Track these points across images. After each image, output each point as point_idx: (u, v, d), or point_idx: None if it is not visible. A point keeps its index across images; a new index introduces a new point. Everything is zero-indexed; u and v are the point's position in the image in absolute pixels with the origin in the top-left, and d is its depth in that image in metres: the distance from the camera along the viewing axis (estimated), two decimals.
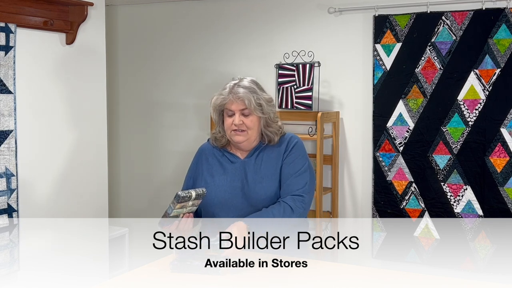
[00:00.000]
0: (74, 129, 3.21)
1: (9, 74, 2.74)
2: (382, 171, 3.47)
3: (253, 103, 2.23)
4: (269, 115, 2.30)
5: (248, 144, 2.32)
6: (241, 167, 2.31)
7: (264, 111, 2.27)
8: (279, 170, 2.30)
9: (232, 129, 2.27)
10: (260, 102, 2.27)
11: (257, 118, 2.28)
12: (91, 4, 3.12)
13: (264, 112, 2.28)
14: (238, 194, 2.28)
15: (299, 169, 2.29)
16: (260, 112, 2.26)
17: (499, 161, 3.20)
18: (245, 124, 2.25)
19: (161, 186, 4.21)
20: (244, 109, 2.25)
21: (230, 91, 2.26)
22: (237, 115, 2.25)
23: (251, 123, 2.26)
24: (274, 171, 2.30)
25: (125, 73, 4.31)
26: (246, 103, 2.23)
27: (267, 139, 2.33)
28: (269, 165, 2.31)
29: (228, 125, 2.28)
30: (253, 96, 2.24)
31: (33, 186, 2.95)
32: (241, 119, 2.25)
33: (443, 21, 3.27)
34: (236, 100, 2.24)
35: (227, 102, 2.26)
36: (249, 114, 2.26)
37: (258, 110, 2.25)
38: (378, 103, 3.46)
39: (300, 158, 2.33)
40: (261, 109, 2.26)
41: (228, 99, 2.26)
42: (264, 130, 2.31)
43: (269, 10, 3.78)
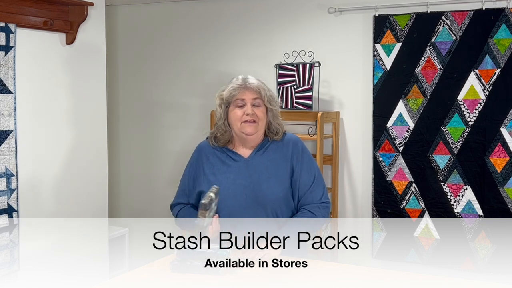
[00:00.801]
0: (74, 129, 3.21)
1: (9, 74, 2.74)
2: (382, 171, 3.47)
3: (267, 94, 2.30)
4: (276, 108, 2.35)
5: (256, 137, 2.33)
6: (245, 165, 2.31)
7: (273, 104, 2.33)
8: (289, 173, 2.32)
9: (243, 120, 2.28)
10: (271, 94, 2.34)
11: (265, 109, 2.32)
12: (91, 4, 3.12)
13: (273, 105, 2.33)
14: (242, 192, 2.27)
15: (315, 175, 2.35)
16: (270, 104, 2.31)
17: (499, 161, 3.20)
18: (256, 114, 2.28)
19: (161, 186, 4.21)
20: (256, 99, 2.28)
21: (243, 82, 2.30)
22: (249, 105, 2.28)
23: (262, 114, 2.30)
24: (282, 172, 2.31)
25: (125, 73, 4.31)
26: (261, 93, 2.28)
27: (275, 131, 2.36)
28: (276, 164, 2.31)
29: (239, 116, 2.28)
30: (266, 87, 2.32)
31: (33, 186, 2.95)
32: (253, 109, 2.28)
33: (443, 21, 3.27)
34: (250, 90, 2.28)
35: (239, 93, 2.28)
36: (259, 105, 2.30)
37: (269, 102, 2.31)
38: (378, 103, 3.46)
39: (312, 162, 2.39)
40: (271, 101, 2.32)
41: (241, 90, 2.28)
42: (272, 122, 2.35)
43: (269, 10, 3.78)
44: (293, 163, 2.33)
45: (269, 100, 2.30)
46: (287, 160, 2.33)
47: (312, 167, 2.36)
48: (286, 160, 2.33)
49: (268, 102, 2.30)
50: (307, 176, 2.33)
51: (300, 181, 2.32)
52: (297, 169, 2.32)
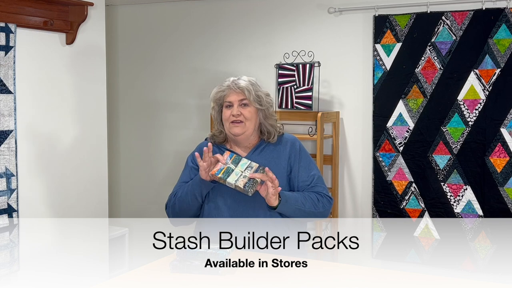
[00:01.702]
0: (74, 129, 3.21)
1: (9, 74, 2.74)
2: (382, 171, 3.47)
3: (253, 94, 2.31)
4: (267, 107, 2.37)
5: (245, 138, 2.35)
6: None
7: (262, 103, 2.35)
8: (286, 171, 2.33)
9: (230, 121, 2.32)
10: (258, 94, 2.35)
11: (255, 110, 2.34)
12: (91, 4, 3.12)
13: (263, 104, 2.35)
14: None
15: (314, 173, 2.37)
16: (258, 104, 2.33)
17: (499, 161, 3.20)
18: (243, 114, 2.31)
19: (161, 186, 4.21)
20: (243, 99, 2.32)
21: (229, 84, 2.34)
22: (235, 106, 2.32)
23: (249, 114, 2.32)
24: (279, 171, 2.32)
25: (125, 73, 4.31)
26: (246, 94, 2.31)
27: (266, 133, 2.37)
28: (273, 163, 2.32)
29: (227, 117, 2.33)
30: (252, 87, 2.33)
31: (33, 186, 2.95)
32: (240, 109, 2.31)
33: (443, 21, 3.27)
34: (236, 91, 2.32)
35: (226, 94, 2.34)
36: (248, 105, 2.32)
37: (256, 102, 2.33)
38: (378, 103, 3.46)
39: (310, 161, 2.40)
40: (260, 101, 2.34)
41: (227, 91, 2.34)
42: (264, 122, 2.37)
43: (269, 10, 3.78)
44: (290, 161, 2.34)
45: (255, 100, 2.32)
46: (284, 159, 2.34)
47: (310, 166, 2.38)
48: (284, 159, 2.34)
49: (255, 102, 2.32)
50: (305, 173, 2.34)
51: (298, 178, 2.33)
52: (295, 168, 2.34)
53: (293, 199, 2.25)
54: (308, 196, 2.29)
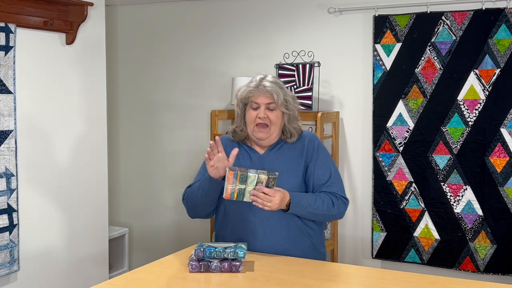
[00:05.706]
0: (74, 129, 3.21)
1: (9, 74, 2.74)
2: (382, 171, 3.47)
3: (281, 98, 2.26)
4: (293, 112, 2.32)
5: (269, 142, 2.32)
6: (259, 161, 2.31)
7: (289, 108, 2.29)
8: (303, 168, 2.31)
9: (255, 123, 2.27)
10: (286, 98, 2.29)
11: (281, 113, 2.29)
12: (91, 4, 3.12)
13: (289, 109, 2.30)
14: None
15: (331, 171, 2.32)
16: (285, 108, 2.28)
17: (499, 161, 3.20)
18: (269, 118, 2.26)
19: (161, 186, 4.21)
20: (270, 103, 2.26)
21: (258, 85, 2.28)
22: (262, 108, 2.26)
23: (275, 118, 2.27)
24: (296, 167, 2.30)
25: (125, 73, 4.31)
26: (274, 98, 2.25)
27: (288, 134, 2.33)
28: (290, 160, 2.30)
29: (252, 118, 2.27)
30: (281, 91, 2.27)
31: (33, 186, 2.95)
32: (266, 112, 2.26)
33: (443, 21, 3.27)
34: (264, 94, 2.26)
35: (254, 95, 2.27)
36: (274, 109, 2.27)
37: (283, 106, 2.27)
38: (378, 103, 3.46)
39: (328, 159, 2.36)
40: (287, 106, 2.28)
41: (255, 92, 2.27)
42: (288, 125, 2.32)
43: (269, 10, 3.78)
44: (307, 159, 2.31)
45: (283, 105, 2.26)
46: (301, 157, 2.31)
47: (327, 163, 2.34)
48: (300, 156, 2.31)
49: (283, 107, 2.27)
50: (321, 171, 2.30)
51: (314, 175, 2.29)
52: (311, 165, 2.30)
53: (305, 203, 2.21)
54: (322, 198, 2.25)
